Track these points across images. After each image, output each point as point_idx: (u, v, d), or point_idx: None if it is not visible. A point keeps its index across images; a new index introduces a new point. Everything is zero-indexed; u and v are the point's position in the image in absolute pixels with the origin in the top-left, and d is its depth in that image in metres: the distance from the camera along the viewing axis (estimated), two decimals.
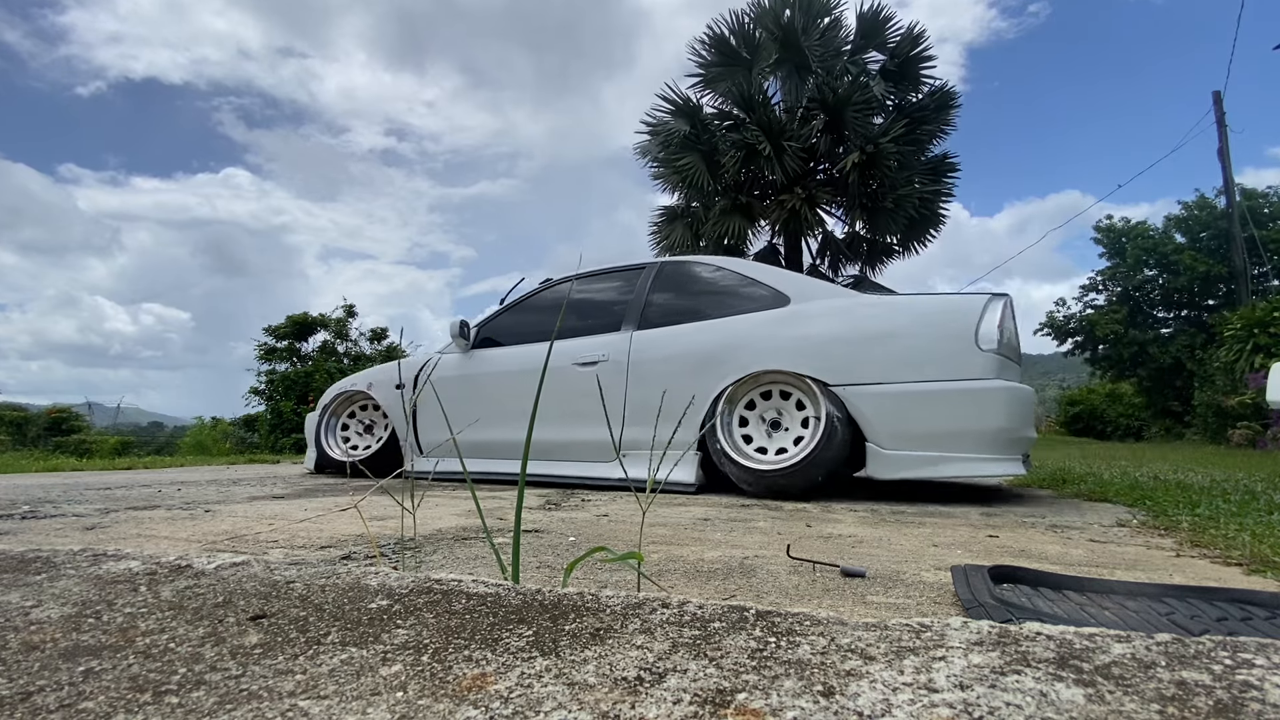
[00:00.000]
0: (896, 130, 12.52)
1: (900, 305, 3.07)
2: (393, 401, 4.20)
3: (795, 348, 3.04)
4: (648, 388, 3.33)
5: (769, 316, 3.21)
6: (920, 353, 2.87)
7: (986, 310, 2.84)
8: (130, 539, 1.77)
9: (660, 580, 1.32)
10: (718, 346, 3.24)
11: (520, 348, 3.94)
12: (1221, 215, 19.56)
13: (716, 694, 0.56)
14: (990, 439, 2.76)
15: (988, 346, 2.77)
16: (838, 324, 3.06)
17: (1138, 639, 0.65)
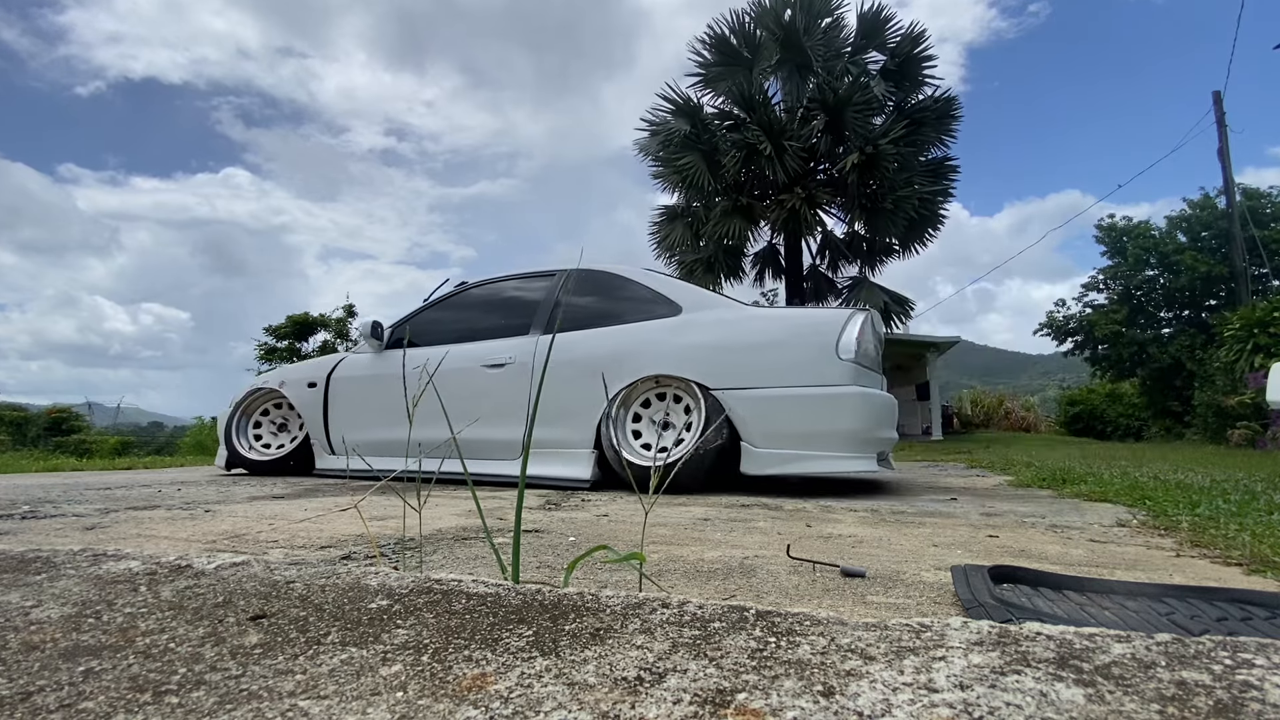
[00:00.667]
0: (897, 131, 12.52)
1: (775, 317, 3.45)
2: (305, 400, 4.25)
3: (682, 354, 3.28)
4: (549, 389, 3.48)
5: (663, 325, 3.46)
6: (789, 361, 3.16)
7: (847, 324, 3.15)
8: (130, 539, 1.78)
9: (660, 580, 1.32)
10: (615, 351, 3.46)
11: (432, 349, 4.06)
12: (1222, 215, 19.56)
13: (716, 694, 0.56)
14: (846, 439, 3.04)
15: (846, 356, 3.06)
16: (721, 333, 3.33)
17: (1138, 639, 0.65)
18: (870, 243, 14.55)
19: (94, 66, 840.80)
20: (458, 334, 4.07)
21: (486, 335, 3.93)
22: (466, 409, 3.68)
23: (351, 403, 4.13)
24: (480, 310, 4.18)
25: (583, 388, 3.39)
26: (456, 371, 3.84)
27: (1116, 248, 22.95)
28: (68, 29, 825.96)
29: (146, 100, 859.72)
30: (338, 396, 4.17)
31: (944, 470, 5.36)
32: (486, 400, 3.68)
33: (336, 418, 4.15)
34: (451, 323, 4.19)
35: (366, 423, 4.05)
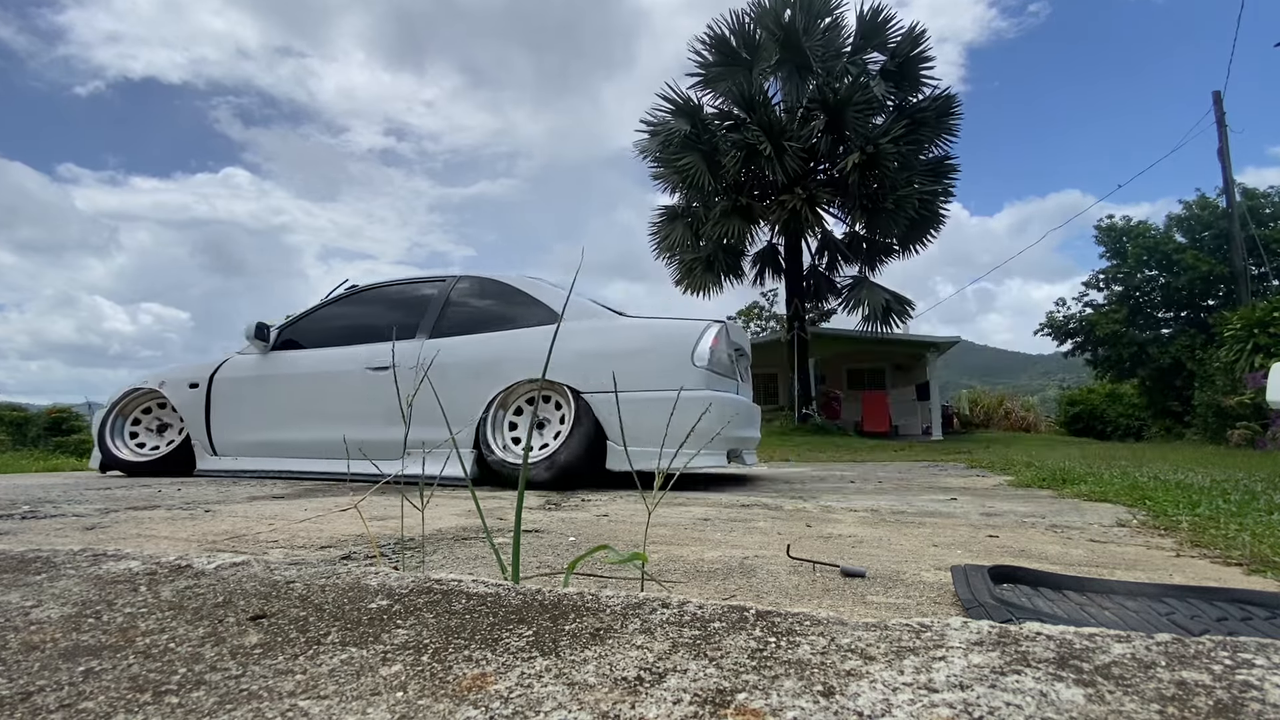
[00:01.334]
0: (897, 131, 12.51)
1: (641, 327, 3.63)
2: (186, 401, 4.23)
3: (557, 360, 3.48)
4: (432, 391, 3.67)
5: (541, 332, 3.67)
6: (650, 367, 3.42)
7: (703, 335, 3.44)
8: (130, 539, 1.78)
9: (660, 580, 1.32)
10: (495, 356, 3.66)
11: (319, 351, 4.15)
12: (1222, 215, 19.56)
13: (716, 694, 0.56)
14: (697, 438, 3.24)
15: (700, 363, 3.37)
16: (593, 341, 3.57)
17: (1138, 639, 0.65)
18: (870, 242, 14.55)
19: (93, 66, 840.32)
20: (346, 337, 4.15)
21: (374, 338, 4.03)
22: (351, 411, 3.85)
23: (235, 404, 4.16)
24: (370, 314, 4.28)
25: (464, 390, 3.60)
26: (341, 374, 3.95)
27: (1116, 248, 22.94)
28: (66, 29, 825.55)
29: (146, 100, 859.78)
30: (221, 398, 4.18)
31: (944, 470, 5.36)
32: (370, 402, 3.82)
33: (219, 419, 4.16)
34: (341, 325, 4.26)
35: (250, 424, 4.10)
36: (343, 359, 4.00)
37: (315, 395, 4.01)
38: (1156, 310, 22.57)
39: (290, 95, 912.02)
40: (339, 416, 3.87)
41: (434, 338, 3.85)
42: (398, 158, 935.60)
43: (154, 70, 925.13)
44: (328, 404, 3.95)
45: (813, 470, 5.35)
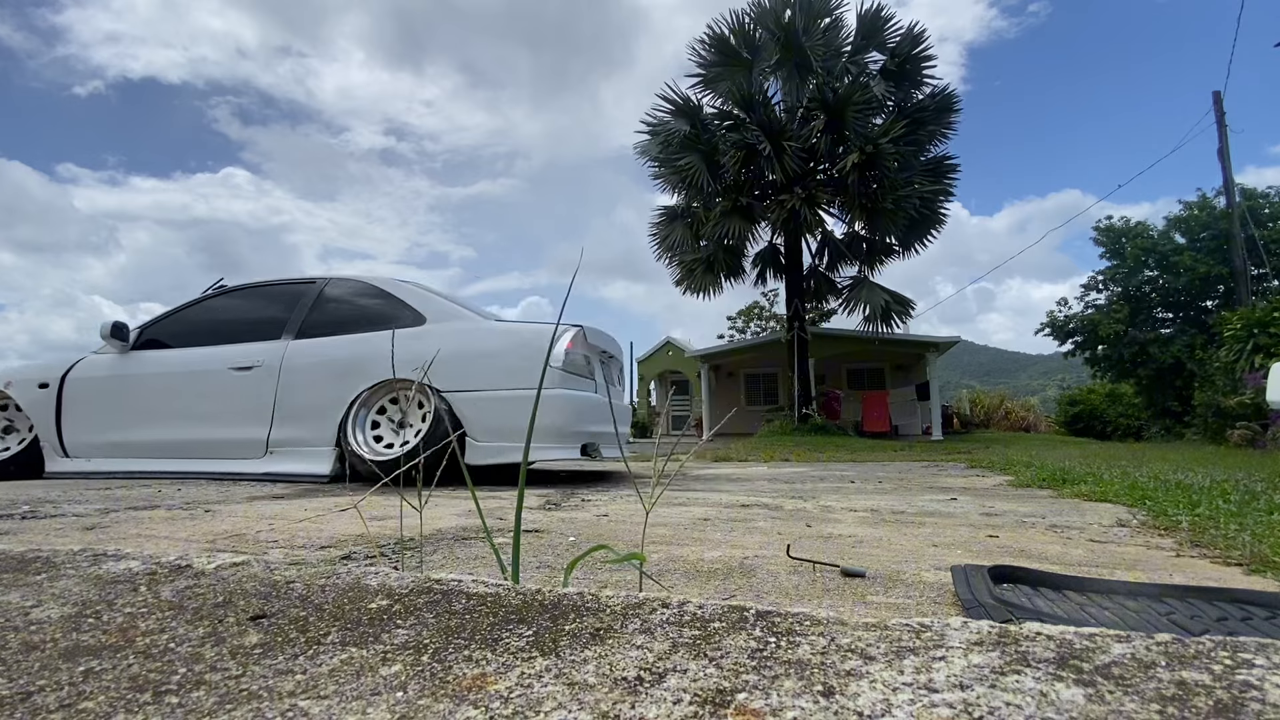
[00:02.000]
0: (897, 130, 12.51)
1: (503, 330, 3.82)
2: (35, 402, 4.16)
3: (419, 361, 3.60)
4: (297, 392, 3.79)
5: (406, 334, 3.80)
6: (509, 367, 3.62)
7: (560, 337, 3.70)
8: (130, 539, 1.78)
9: (660, 580, 1.32)
10: (360, 356, 3.76)
11: (180, 351, 4.15)
12: (1222, 215, 19.56)
13: (716, 694, 0.56)
14: (550, 433, 3.55)
15: (555, 364, 3.61)
16: (456, 343, 3.73)
17: (1138, 639, 0.65)
18: (870, 242, 14.54)
19: (92, 66, 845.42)
20: (210, 337, 4.17)
21: (239, 339, 4.07)
22: (212, 410, 3.90)
23: (89, 405, 4.12)
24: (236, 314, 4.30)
25: (327, 390, 3.72)
26: (203, 373, 3.99)
27: (1115, 249, 22.93)
28: (65, 29, 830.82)
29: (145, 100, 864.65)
30: (74, 398, 4.13)
31: (944, 470, 5.36)
32: (233, 402, 3.88)
33: (71, 420, 4.11)
34: (206, 325, 4.27)
35: (105, 425, 4.08)
36: (205, 359, 4.03)
37: (175, 395, 4.03)
38: (1156, 310, 22.57)
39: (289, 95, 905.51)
40: (200, 416, 3.93)
41: (299, 338, 3.95)
42: (397, 157, 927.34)
43: (153, 70, 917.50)
44: (188, 404, 3.98)
45: (813, 470, 5.35)
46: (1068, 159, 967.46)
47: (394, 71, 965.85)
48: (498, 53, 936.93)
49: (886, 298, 13.67)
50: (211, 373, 3.96)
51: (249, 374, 3.87)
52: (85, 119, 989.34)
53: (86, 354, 4.29)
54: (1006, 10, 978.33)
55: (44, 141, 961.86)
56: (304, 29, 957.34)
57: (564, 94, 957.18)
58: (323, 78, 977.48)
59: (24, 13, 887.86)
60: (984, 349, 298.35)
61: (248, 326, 4.14)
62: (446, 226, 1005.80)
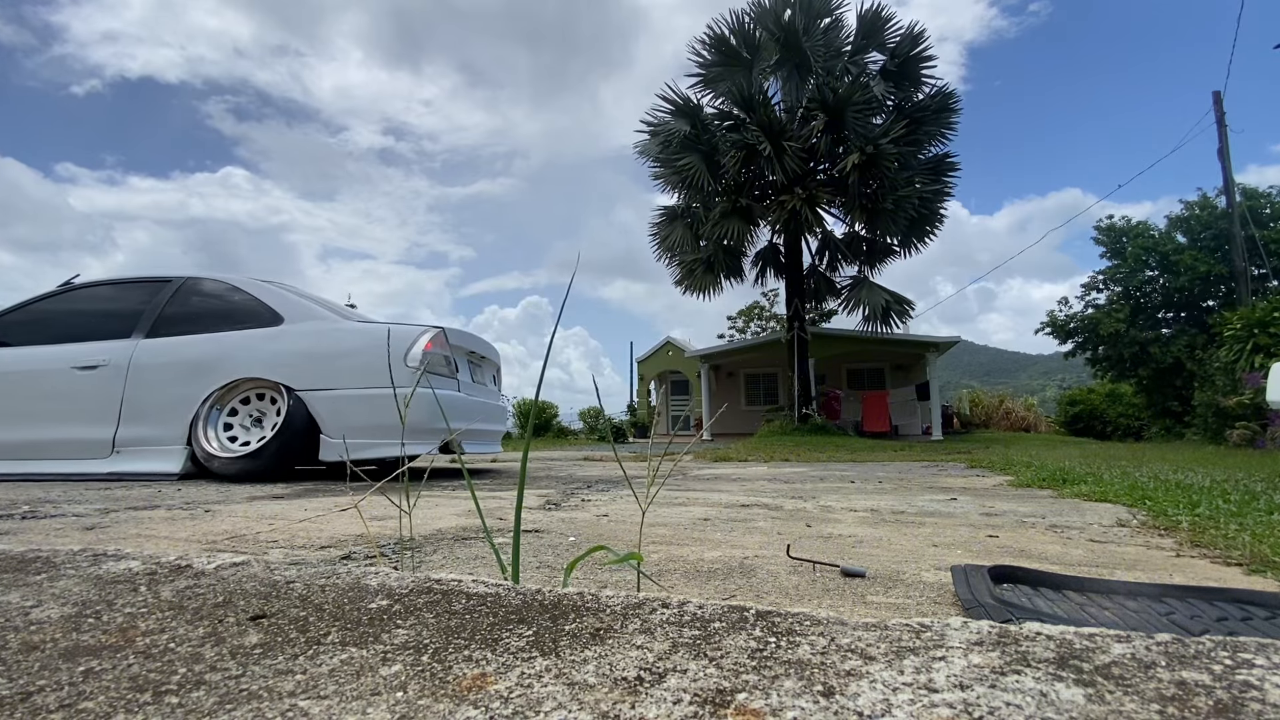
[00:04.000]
0: (897, 130, 12.51)
1: (361, 330, 3.89)
2: None
3: (273, 360, 3.73)
4: (146, 391, 3.79)
5: (261, 333, 3.86)
6: (365, 366, 3.70)
7: (418, 339, 3.75)
8: (130, 539, 1.78)
9: (660, 580, 1.32)
10: (211, 356, 3.81)
11: (19, 350, 4.08)
12: (1222, 215, 19.57)
13: (716, 694, 0.56)
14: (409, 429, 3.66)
15: (412, 364, 3.69)
16: (311, 343, 3.81)
17: (1138, 639, 0.65)
18: (870, 242, 14.55)
19: (90, 65, 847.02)
20: (56, 335, 4.12)
21: (87, 336, 4.03)
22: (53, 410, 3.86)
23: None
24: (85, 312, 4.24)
25: (178, 389, 3.75)
26: (44, 372, 3.93)
27: (1116, 248, 22.93)
28: (62, 28, 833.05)
29: (143, 100, 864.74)
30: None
31: (944, 470, 5.36)
32: (75, 401, 3.85)
33: None
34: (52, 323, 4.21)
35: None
36: (46, 357, 3.98)
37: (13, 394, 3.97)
38: (1157, 310, 22.57)
39: (288, 94, 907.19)
40: (37, 416, 3.88)
41: (150, 337, 3.95)
42: (396, 157, 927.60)
43: (151, 69, 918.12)
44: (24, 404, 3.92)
45: (813, 470, 5.35)
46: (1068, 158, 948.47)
47: (392, 71, 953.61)
48: (497, 52, 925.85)
49: (886, 298, 13.67)
50: (52, 371, 3.92)
51: (94, 373, 3.85)
52: (83, 118, 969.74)
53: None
54: (1007, 10, 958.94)
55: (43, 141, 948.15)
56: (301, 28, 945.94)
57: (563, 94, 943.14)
58: (321, 77, 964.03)
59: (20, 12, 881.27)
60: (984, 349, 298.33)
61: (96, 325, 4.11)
62: (446, 226, 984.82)
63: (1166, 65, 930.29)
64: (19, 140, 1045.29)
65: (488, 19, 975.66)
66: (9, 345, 4.12)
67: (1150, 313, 22.52)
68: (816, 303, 16.23)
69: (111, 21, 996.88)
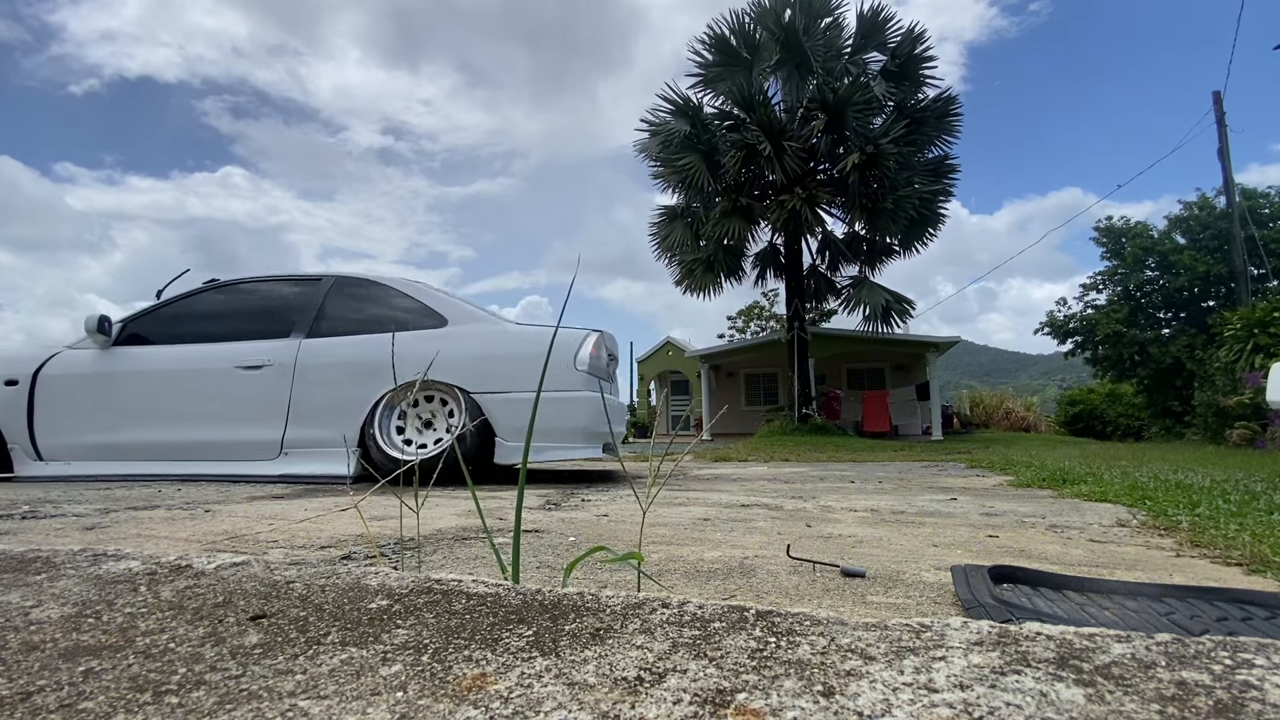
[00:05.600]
0: (897, 131, 12.51)
1: (525, 334, 3.86)
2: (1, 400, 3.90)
3: (445, 363, 3.66)
4: (314, 391, 3.71)
5: (429, 335, 3.82)
6: (536, 370, 3.65)
7: (584, 342, 3.76)
8: (130, 539, 1.78)
9: (660, 580, 1.32)
10: (381, 357, 3.73)
11: (176, 348, 3.97)
12: (1222, 215, 19.56)
13: (716, 694, 0.56)
14: (578, 432, 3.65)
15: (581, 367, 3.69)
16: (482, 345, 3.79)
17: (1138, 639, 0.65)
18: (870, 242, 14.54)
19: (88, 65, 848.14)
20: (205, 334, 4.02)
21: (240, 336, 3.93)
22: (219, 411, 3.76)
23: (68, 404, 3.89)
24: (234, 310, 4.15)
25: (348, 390, 3.67)
26: (206, 372, 3.85)
27: (1115, 249, 22.93)
28: (59, 27, 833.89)
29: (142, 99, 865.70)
30: (49, 396, 3.88)
31: (944, 470, 5.36)
32: (242, 402, 3.77)
33: (46, 420, 3.87)
34: (198, 321, 4.10)
35: (88, 426, 3.85)
36: (208, 356, 3.87)
37: (174, 394, 3.87)
38: (1157, 310, 22.57)
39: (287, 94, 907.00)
40: (203, 417, 3.79)
41: (312, 337, 3.86)
42: (396, 157, 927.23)
43: (150, 69, 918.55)
44: (189, 404, 3.83)
45: (813, 470, 5.35)
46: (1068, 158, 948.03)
47: (391, 70, 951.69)
48: (496, 52, 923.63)
49: (886, 298, 13.67)
50: (216, 371, 3.81)
51: (258, 373, 3.75)
52: (82, 118, 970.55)
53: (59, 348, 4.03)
54: (1007, 9, 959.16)
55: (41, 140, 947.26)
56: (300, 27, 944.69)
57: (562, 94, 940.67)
58: (320, 77, 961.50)
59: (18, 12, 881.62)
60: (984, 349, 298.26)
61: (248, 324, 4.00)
62: (445, 226, 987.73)
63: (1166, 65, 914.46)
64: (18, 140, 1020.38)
65: (486, 19, 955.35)
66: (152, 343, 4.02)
67: (1150, 313, 22.53)
68: (816, 303, 16.22)
69: (109, 21, 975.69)
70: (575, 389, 3.65)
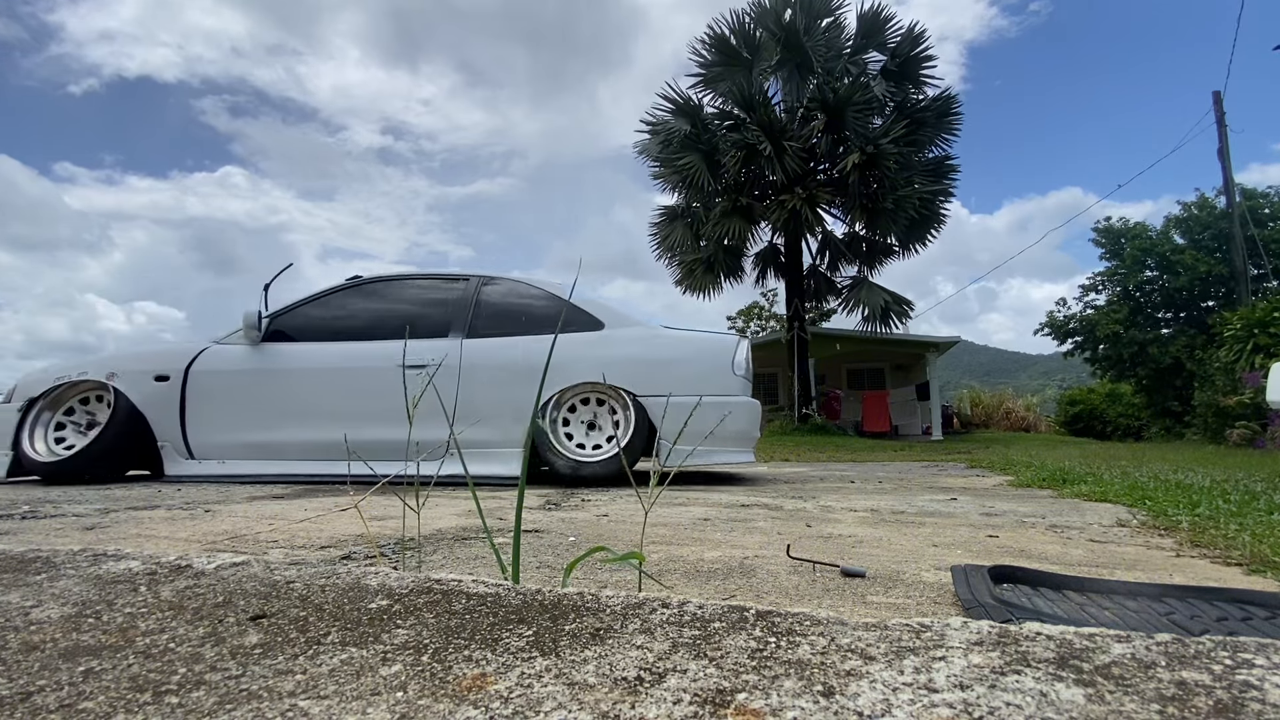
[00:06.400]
0: (897, 131, 12.51)
1: (685, 338, 3.94)
2: (152, 396, 3.73)
3: (610, 365, 3.72)
4: (480, 392, 3.71)
5: (589, 337, 3.85)
6: (697, 374, 3.78)
7: (738, 347, 3.85)
8: (130, 539, 1.78)
9: (660, 580, 1.32)
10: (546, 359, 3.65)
11: (333, 345, 3.91)
12: (1222, 215, 19.57)
13: (716, 694, 0.56)
14: (737, 437, 3.74)
15: (739, 372, 3.78)
16: (642, 349, 3.86)
17: (1138, 639, 0.65)
18: (870, 242, 14.55)
19: (87, 65, 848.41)
20: (353, 331, 3.96)
21: (392, 335, 3.88)
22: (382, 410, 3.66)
23: (222, 401, 3.78)
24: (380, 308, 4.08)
25: (515, 391, 3.66)
26: (366, 371, 3.78)
27: (1114, 249, 22.93)
28: (58, 27, 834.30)
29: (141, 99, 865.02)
30: (201, 392, 3.76)
31: (944, 470, 5.36)
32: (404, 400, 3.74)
33: (200, 417, 3.75)
34: (344, 319, 4.02)
35: (243, 424, 3.76)
36: (368, 354, 3.80)
37: (334, 392, 3.79)
38: (1156, 310, 22.58)
39: (285, 93, 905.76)
40: (365, 415, 3.67)
41: (471, 337, 3.83)
42: (395, 156, 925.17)
43: (149, 69, 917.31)
44: (350, 402, 3.73)
45: (813, 470, 5.35)
46: (1068, 158, 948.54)
47: (390, 70, 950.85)
48: (495, 52, 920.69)
49: (886, 298, 13.67)
50: (378, 369, 3.73)
51: (422, 372, 3.68)
52: (81, 118, 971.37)
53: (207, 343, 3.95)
54: (1007, 9, 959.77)
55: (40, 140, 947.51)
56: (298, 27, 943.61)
57: (562, 93, 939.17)
58: (320, 76, 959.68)
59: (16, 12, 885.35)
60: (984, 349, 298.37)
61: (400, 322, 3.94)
62: (445, 226, 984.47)
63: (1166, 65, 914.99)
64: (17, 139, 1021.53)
65: (486, 18, 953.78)
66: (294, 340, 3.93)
67: (1150, 313, 22.54)
68: (816, 303, 16.23)
69: (108, 21, 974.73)
70: (735, 394, 3.74)
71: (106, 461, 3.64)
